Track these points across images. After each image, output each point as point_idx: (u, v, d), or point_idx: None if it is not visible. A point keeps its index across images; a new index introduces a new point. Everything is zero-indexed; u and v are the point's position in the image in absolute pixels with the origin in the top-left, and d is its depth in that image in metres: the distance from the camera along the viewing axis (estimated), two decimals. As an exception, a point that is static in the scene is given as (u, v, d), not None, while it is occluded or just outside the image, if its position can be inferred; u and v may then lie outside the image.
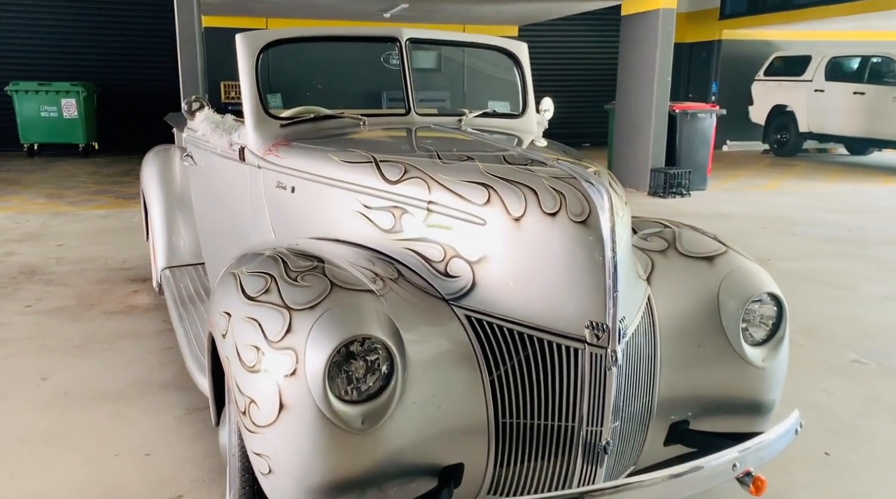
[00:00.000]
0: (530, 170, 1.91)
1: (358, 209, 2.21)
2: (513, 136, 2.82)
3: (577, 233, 1.75)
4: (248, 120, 2.69)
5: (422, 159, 2.14)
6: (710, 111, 8.92)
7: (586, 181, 1.81)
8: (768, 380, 2.12)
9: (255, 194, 2.75)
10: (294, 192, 2.49)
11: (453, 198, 1.94)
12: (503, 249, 1.83)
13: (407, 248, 2.04)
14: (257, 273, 1.89)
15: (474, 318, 1.84)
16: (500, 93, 11.67)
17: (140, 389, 3.13)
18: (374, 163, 2.20)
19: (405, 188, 2.07)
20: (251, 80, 2.69)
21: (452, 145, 2.39)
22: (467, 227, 1.90)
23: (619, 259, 1.74)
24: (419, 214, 2.02)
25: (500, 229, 1.84)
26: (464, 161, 2.07)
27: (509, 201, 1.83)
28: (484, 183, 1.90)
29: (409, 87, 2.88)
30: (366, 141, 2.63)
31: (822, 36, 14.42)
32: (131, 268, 5.19)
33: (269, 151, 2.63)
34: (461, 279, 1.89)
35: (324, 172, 2.35)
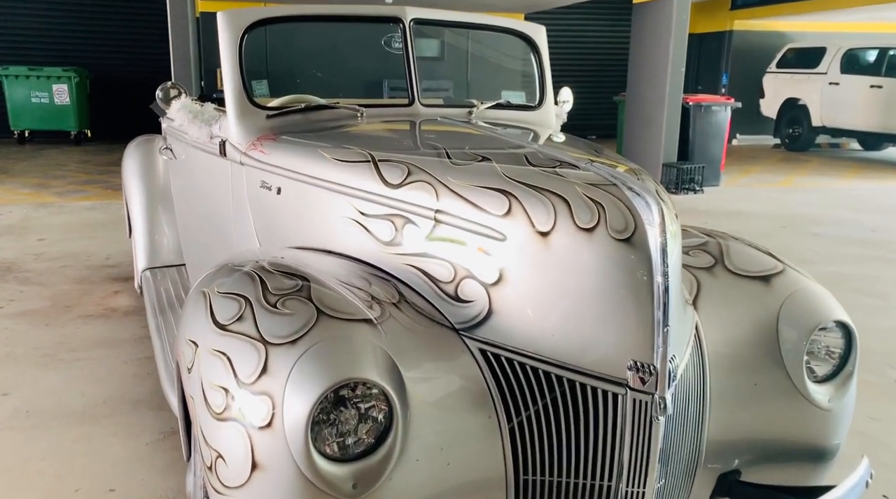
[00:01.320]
0: (559, 174, 1.59)
1: (352, 216, 1.89)
2: (528, 130, 2.50)
3: (618, 253, 1.43)
4: (230, 110, 2.36)
5: (428, 159, 1.82)
6: (725, 104, 8.58)
7: (629, 189, 1.48)
8: (834, 423, 1.80)
9: (237, 194, 2.42)
10: (280, 193, 2.17)
11: (466, 207, 1.62)
12: (527, 270, 1.52)
13: (409, 264, 1.72)
14: (230, 295, 1.58)
15: (490, 352, 1.53)
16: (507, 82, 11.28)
17: (111, 407, 2.82)
18: (371, 162, 1.88)
19: (408, 193, 1.75)
20: (234, 64, 2.36)
21: (464, 142, 2.06)
22: (483, 242, 1.58)
23: (670, 285, 1.42)
24: (424, 225, 1.70)
25: (522, 246, 1.52)
26: (478, 162, 1.75)
27: (535, 213, 1.51)
28: (503, 190, 1.58)
29: (412, 74, 2.55)
30: (363, 136, 2.30)
31: (836, 27, 14.04)
32: (114, 265, 4.87)
33: (253, 145, 2.30)
34: (475, 305, 1.58)
35: (314, 171, 2.03)
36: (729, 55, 14.24)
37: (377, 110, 2.52)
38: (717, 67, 14.37)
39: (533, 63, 2.84)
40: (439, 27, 2.83)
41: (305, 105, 2.44)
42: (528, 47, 2.83)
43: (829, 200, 8.02)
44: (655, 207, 1.43)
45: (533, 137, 2.20)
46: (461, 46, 12.19)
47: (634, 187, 1.49)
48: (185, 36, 7.51)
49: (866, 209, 7.50)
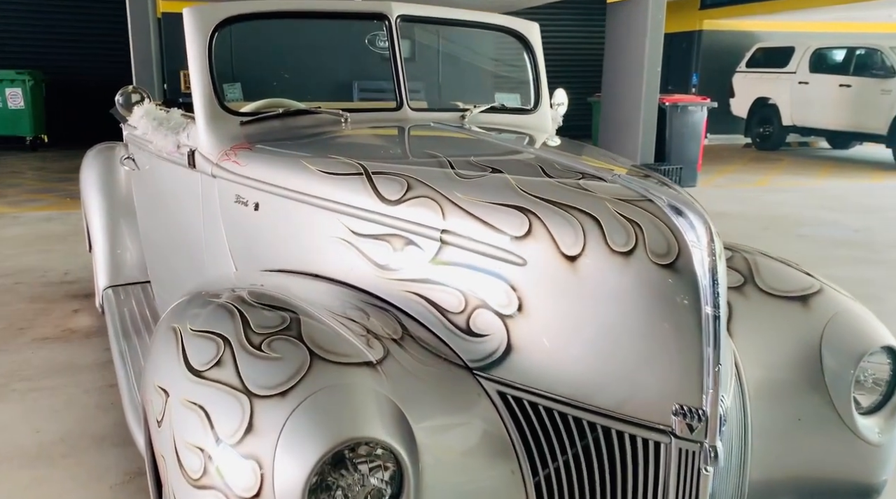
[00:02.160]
0: (585, 188, 1.39)
1: (342, 236, 1.67)
2: (524, 135, 2.31)
3: (660, 280, 1.24)
4: (199, 116, 2.12)
5: (430, 171, 1.61)
6: (701, 104, 8.50)
7: (669, 205, 1.29)
8: (883, 458, 1.64)
9: (208, 210, 2.19)
10: (258, 209, 1.94)
11: (477, 226, 1.41)
12: (551, 299, 1.32)
13: (411, 291, 1.51)
14: (205, 333, 1.35)
15: (511, 395, 1.33)
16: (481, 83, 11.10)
17: (70, 444, 2.55)
18: (364, 175, 1.66)
19: (409, 211, 1.53)
20: (203, 66, 2.12)
21: (466, 150, 1.86)
22: (498, 267, 1.37)
23: (721, 316, 1.23)
24: (429, 247, 1.49)
25: (546, 272, 1.32)
26: (488, 174, 1.54)
27: (560, 233, 1.31)
28: (521, 207, 1.38)
29: (400, 75, 2.34)
30: (351, 144, 2.08)
31: (804, 27, 14.15)
32: (74, 281, 4.57)
33: (226, 155, 2.07)
34: (490, 340, 1.37)
35: (296, 184, 1.81)
36: (699, 55, 14.26)
37: (363, 115, 2.30)
38: (688, 67, 14.38)
39: (526, 63, 2.65)
40: (414, 25, 2.62)
41: (284, 110, 2.21)
42: (521, 46, 2.64)
43: (806, 200, 7.97)
44: (701, 225, 1.24)
45: (538, 144, 2.00)
46: (432, 46, 11.96)
47: (675, 203, 1.29)
48: (146, 37, 7.18)
49: (845, 209, 7.46)
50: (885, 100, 10.79)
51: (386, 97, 8.71)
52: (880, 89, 10.95)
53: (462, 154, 1.75)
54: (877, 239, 6.00)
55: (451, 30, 8.33)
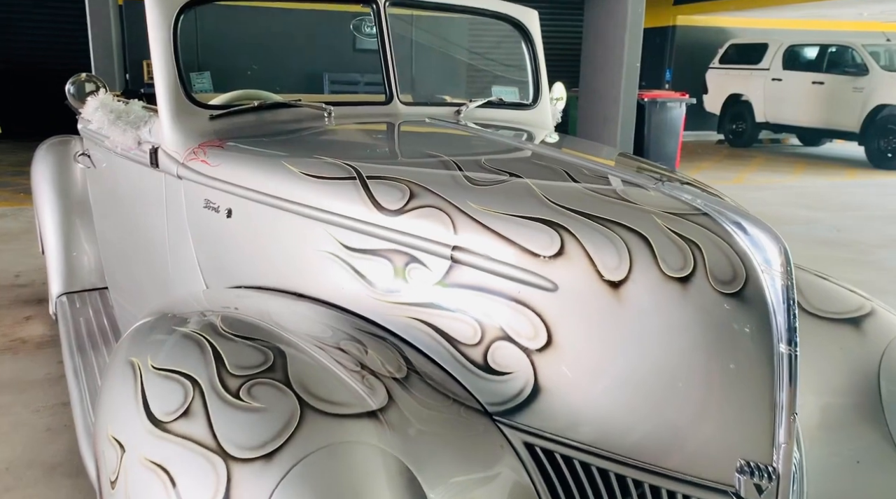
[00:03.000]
0: (626, 199, 1.18)
1: (332, 250, 1.44)
2: (522, 131, 2.10)
3: (724, 312, 1.04)
4: (162, 109, 1.87)
5: (436, 175, 1.38)
6: (680, 100, 8.39)
7: (733, 222, 1.09)
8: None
9: (173, 215, 1.93)
10: (230, 216, 1.69)
11: (497, 243, 1.19)
12: (589, 332, 1.11)
13: (415, 318, 1.29)
14: (170, 374, 1.12)
15: (540, 447, 1.12)
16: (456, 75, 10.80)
17: (16, 475, 2.28)
18: (357, 179, 1.43)
19: (412, 223, 1.31)
20: (167, 53, 1.87)
21: (474, 151, 1.64)
22: (522, 292, 1.16)
23: (797, 356, 1.03)
24: (437, 266, 1.27)
25: (582, 300, 1.11)
26: (506, 180, 1.33)
27: (600, 254, 1.10)
28: (550, 221, 1.16)
29: (390, 65, 2.10)
30: (338, 143, 1.85)
31: (775, 24, 14.17)
32: (26, 284, 4.24)
33: (194, 154, 1.82)
34: (514, 379, 1.16)
35: (276, 189, 1.57)
36: (672, 51, 14.19)
37: (348, 109, 2.06)
38: (661, 63, 14.31)
39: (524, 54, 2.43)
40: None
41: (259, 103, 1.97)
42: (520, 35, 2.42)
43: (784, 198, 7.90)
44: (773, 244, 1.04)
45: (552, 143, 1.78)
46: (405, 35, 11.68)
47: (737, 217, 1.09)
48: (105, 23, 6.81)
49: (823, 207, 7.40)
50: (857, 97, 10.80)
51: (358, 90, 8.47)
52: (852, 87, 10.96)
53: (469, 155, 1.53)
54: (860, 238, 5.92)
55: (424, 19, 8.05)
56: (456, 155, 1.51)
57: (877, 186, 8.94)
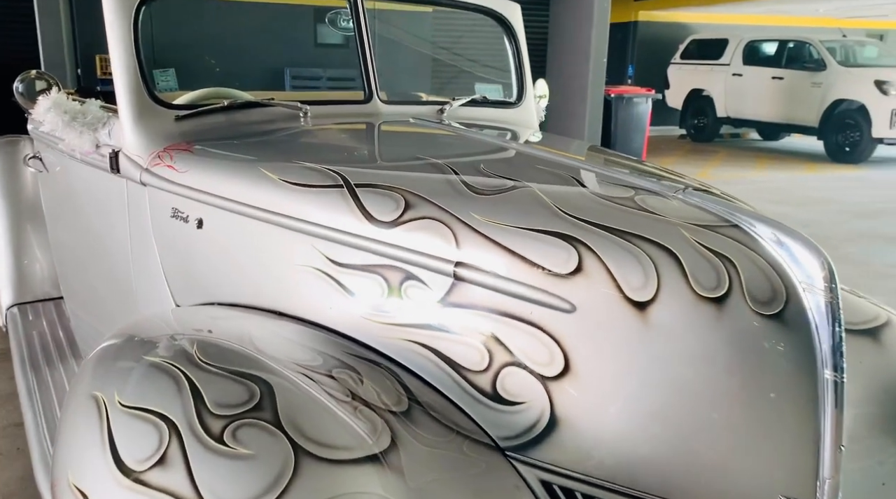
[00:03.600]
0: (647, 209, 1.08)
1: (317, 265, 1.31)
2: (507, 131, 1.99)
3: (764, 335, 0.94)
4: (123, 109, 1.72)
5: (433, 182, 1.27)
6: (646, 96, 8.39)
7: (767, 234, 1.00)
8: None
9: (137, 224, 1.78)
10: (201, 227, 1.55)
11: (505, 259, 1.08)
12: (612, 358, 1.01)
13: (414, 340, 1.17)
14: (142, 413, 0.99)
15: (558, 485, 1.02)
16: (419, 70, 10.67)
17: (-34, 506, 2.11)
18: (345, 187, 1.31)
19: (408, 236, 1.19)
20: (127, 48, 1.71)
21: (469, 155, 1.52)
22: (536, 313, 1.05)
23: (844, 383, 0.94)
24: (437, 284, 1.15)
25: (604, 322, 1.01)
26: (510, 187, 1.22)
27: (623, 271, 1.00)
28: (565, 234, 1.06)
29: (369, 61, 1.97)
30: (319, 146, 1.72)
31: (735, 20, 14.32)
32: (-26, 293, 4.00)
33: (159, 158, 1.67)
34: (527, 409, 1.05)
35: (253, 198, 1.43)
36: (634, 46, 14.25)
37: (324, 109, 1.93)
38: (623, 59, 14.35)
39: (507, 49, 2.32)
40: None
41: (229, 102, 1.82)
42: (502, 30, 2.31)
43: (749, 193, 7.94)
44: (815, 260, 0.95)
45: (553, 145, 1.68)
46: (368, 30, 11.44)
47: (774, 230, 1.00)
48: (55, 14, 6.51)
49: (788, 202, 7.46)
50: (816, 92, 10.96)
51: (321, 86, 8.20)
52: (811, 82, 11.11)
53: (465, 159, 1.42)
54: (829, 233, 5.97)
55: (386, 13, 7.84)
56: (450, 159, 1.39)
57: (838, 180, 9.08)
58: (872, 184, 8.80)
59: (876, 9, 13.61)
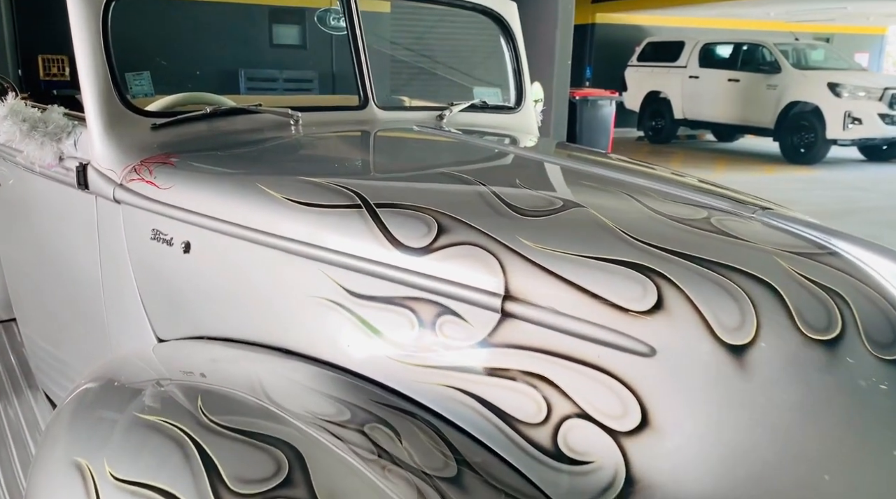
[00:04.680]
0: (732, 235, 0.94)
1: (331, 297, 1.15)
2: (503, 136, 1.85)
3: (885, 382, 0.81)
4: (92, 117, 1.52)
5: (468, 201, 1.12)
6: (611, 98, 8.36)
7: (872, 262, 0.87)
8: None
9: (109, 247, 1.58)
10: (189, 251, 1.37)
11: (566, 292, 0.94)
12: (701, 409, 0.87)
13: (454, 386, 1.02)
14: (142, 490, 0.82)
15: (641, 561, 0.87)
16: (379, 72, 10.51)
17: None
18: (363, 207, 1.14)
19: (445, 266, 1.04)
20: (95, 48, 1.52)
21: (497, 167, 1.37)
22: (605, 356, 0.91)
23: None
24: (481, 321, 1.00)
25: (691, 368, 0.87)
26: (560, 207, 1.07)
27: (714, 308, 0.86)
28: (639, 264, 0.91)
29: (364, 63, 1.81)
30: (320, 159, 1.54)
31: (689, 22, 14.49)
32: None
33: (136, 172, 1.48)
34: (598, 469, 0.91)
35: (251, 218, 1.26)
36: (592, 48, 14.30)
37: (317, 116, 1.75)
38: (581, 61, 14.38)
39: (504, 51, 2.18)
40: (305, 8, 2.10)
41: (212, 109, 1.63)
42: (499, 29, 2.17)
43: (713, 195, 7.98)
44: None
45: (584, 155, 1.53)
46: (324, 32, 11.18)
47: (877, 255, 0.87)
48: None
49: (752, 204, 7.49)
50: (771, 94, 11.11)
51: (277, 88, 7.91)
52: (766, 84, 11.27)
53: (496, 173, 1.26)
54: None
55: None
56: (479, 172, 1.24)
57: (795, 181, 9.20)
58: (829, 185, 8.94)
59: (823, 13, 13.93)
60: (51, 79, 9.46)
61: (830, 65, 11.46)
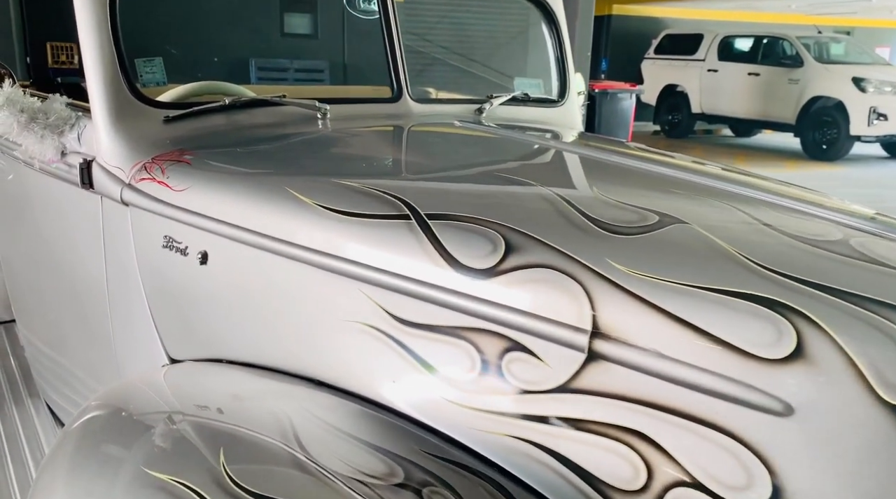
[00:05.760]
0: (887, 263, 0.76)
1: (373, 322, 0.98)
2: (545, 131, 1.68)
3: None
4: (97, 108, 1.35)
5: (541, 214, 0.94)
6: (631, 91, 8.16)
7: None
8: None
9: (116, 252, 1.41)
10: (206, 262, 1.20)
11: (673, 331, 0.76)
12: (853, 483, 0.69)
13: (526, 440, 0.84)
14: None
15: None
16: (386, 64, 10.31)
17: None
18: (412, 218, 0.97)
19: (515, 292, 0.86)
20: (101, 31, 1.35)
21: (566, 171, 1.19)
22: (727, 413, 0.73)
23: None
24: (562, 361, 0.83)
25: (841, 432, 0.69)
26: (657, 224, 0.89)
27: (871, 358, 0.69)
28: (769, 299, 0.74)
29: (398, 52, 1.63)
30: (355, 157, 1.37)
31: (708, 15, 14.24)
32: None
33: (147, 171, 1.31)
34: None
35: (279, 228, 1.09)
36: (608, 40, 14.05)
37: (345, 108, 1.58)
38: (597, 52, 14.13)
39: (547, 40, 2.00)
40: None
41: (231, 100, 1.46)
42: (543, 17, 1.99)
43: (735, 192, 7.78)
44: None
45: (659, 156, 1.35)
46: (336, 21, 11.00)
47: None
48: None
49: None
50: (793, 89, 10.86)
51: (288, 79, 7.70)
52: (788, 78, 11.01)
53: (566, 179, 1.09)
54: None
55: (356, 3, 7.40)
56: (544, 177, 1.07)
57: (819, 179, 8.97)
58: (855, 182, 8.72)
59: (846, 5, 13.63)
60: (59, 66, 9.31)
61: (854, 59, 11.18)
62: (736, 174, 1.20)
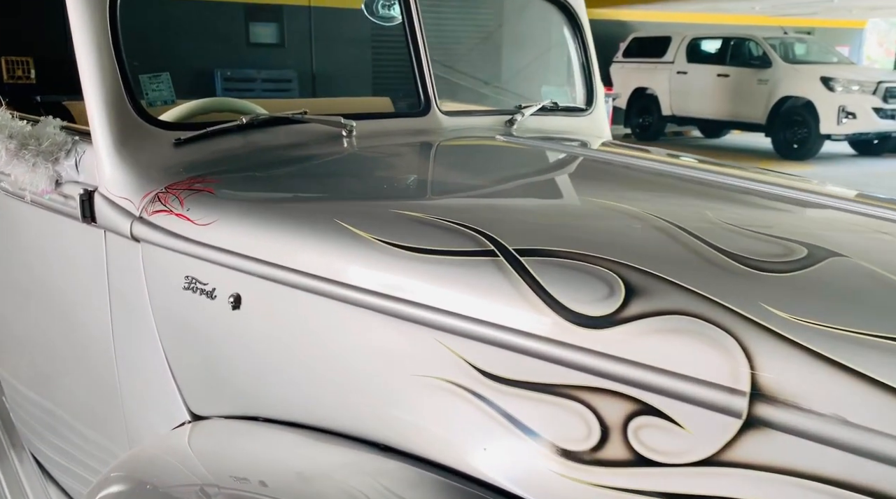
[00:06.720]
0: None
1: (454, 379, 0.83)
2: (574, 141, 1.55)
3: None
4: (98, 131, 1.18)
5: (665, 249, 0.81)
6: (609, 95, 8.10)
7: None
8: None
9: (123, 295, 1.24)
10: (239, 307, 1.04)
11: (863, 394, 0.63)
12: None
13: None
14: None
15: None
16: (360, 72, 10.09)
17: None
18: (500, 255, 0.83)
19: (644, 345, 0.72)
20: (101, 44, 1.18)
21: (656, 193, 1.06)
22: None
23: None
24: (709, 430, 0.69)
25: None
26: (809, 258, 0.76)
27: None
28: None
29: (424, 62, 1.48)
30: (404, 181, 1.22)
31: (674, 18, 14.33)
32: None
33: (161, 201, 1.15)
34: None
35: (332, 267, 0.94)
36: (576, 45, 14.06)
37: (372, 124, 1.43)
38: (565, 57, 14.16)
39: (569, 45, 1.87)
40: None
41: (248, 119, 1.30)
42: (565, 20, 1.86)
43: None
44: None
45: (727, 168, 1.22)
46: (303, 29, 10.76)
47: None
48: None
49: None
50: (762, 89, 10.94)
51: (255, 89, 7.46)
52: (757, 79, 11.09)
53: (667, 203, 0.95)
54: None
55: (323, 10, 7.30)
56: (641, 201, 0.93)
57: (793, 178, 9.02)
58: (829, 180, 8.77)
59: (807, 6, 13.84)
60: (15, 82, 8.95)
61: (821, 59, 11.33)
62: (820, 186, 1.08)
